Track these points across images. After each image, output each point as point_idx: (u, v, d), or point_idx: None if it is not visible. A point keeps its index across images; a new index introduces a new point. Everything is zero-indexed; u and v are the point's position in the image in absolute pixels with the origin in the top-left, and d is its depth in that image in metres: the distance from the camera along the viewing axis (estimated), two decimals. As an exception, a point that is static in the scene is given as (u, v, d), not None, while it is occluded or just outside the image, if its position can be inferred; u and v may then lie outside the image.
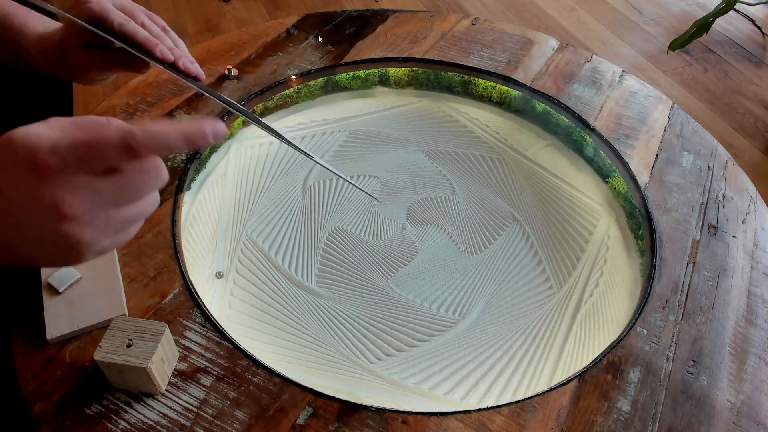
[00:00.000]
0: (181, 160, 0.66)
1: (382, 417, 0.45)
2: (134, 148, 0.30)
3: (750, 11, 2.08)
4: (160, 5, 2.03)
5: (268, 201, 0.69)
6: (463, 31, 0.88)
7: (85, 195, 0.30)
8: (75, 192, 0.30)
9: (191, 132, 0.32)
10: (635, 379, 0.49)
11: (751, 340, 0.53)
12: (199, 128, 0.32)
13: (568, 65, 0.82)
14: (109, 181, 0.31)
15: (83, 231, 0.31)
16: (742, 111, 1.72)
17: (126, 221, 0.33)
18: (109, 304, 0.51)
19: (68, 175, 0.30)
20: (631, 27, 2.05)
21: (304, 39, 0.85)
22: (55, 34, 0.52)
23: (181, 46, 0.49)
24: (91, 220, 0.31)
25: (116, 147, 0.30)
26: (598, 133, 0.72)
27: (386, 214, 0.69)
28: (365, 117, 0.81)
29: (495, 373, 0.54)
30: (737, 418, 0.47)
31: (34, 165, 0.29)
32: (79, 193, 0.30)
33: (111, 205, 0.32)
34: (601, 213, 0.69)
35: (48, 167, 0.29)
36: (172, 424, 0.44)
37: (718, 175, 0.68)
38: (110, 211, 0.32)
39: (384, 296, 0.60)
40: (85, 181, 0.30)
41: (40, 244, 0.32)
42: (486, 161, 0.76)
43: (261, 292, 0.60)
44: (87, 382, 0.46)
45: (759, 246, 0.61)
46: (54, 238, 0.31)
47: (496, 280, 0.63)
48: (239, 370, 0.48)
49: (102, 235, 0.32)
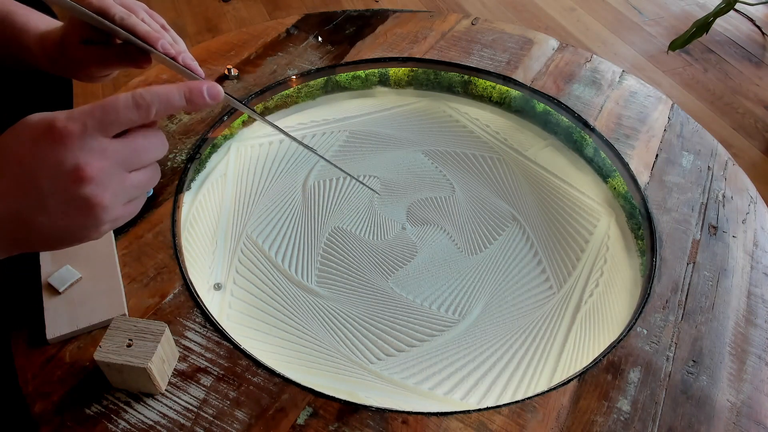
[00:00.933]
0: (181, 161, 0.66)
1: (382, 417, 0.45)
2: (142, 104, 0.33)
3: (750, 11, 2.08)
4: (160, 5, 2.03)
5: (268, 201, 0.69)
6: (463, 31, 0.88)
7: (103, 157, 0.33)
8: (94, 155, 0.33)
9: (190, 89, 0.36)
10: (635, 379, 0.49)
11: (751, 340, 0.53)
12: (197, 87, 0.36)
13: (568, 65, 0.82)
14: (121, 143, 0.34)
15: (103, 194, 0.34)
16: (742, 111, 1.72)
17: (136, 187, 0.36)
18: (109, 304, 0.51)
19: (87, 138, 0.32)
20: (631, 27, 2.05)
21: (304, 39, 0.85)
22: (56, 32, 0.52)
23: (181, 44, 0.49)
24: (108, 183, 0.34)
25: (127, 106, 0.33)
26: (598, 133, 0.72)
27: (386, 214, 0.69)
28: (365, 117, 0.81)
29: (495, 373, 0.54)
30: (737, 418, 0.47)
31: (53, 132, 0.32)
32: (98, 155, 0.33)
33: (124, 168, 0.35)
34: (601, 213, 0.69)
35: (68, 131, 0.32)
36: (172, 424, 0.44)
37: (718, 175, 0.68)
38: (123, 175, 0.35)
39: (384, 296, 0.60)
40: (101, 143, 0.33)
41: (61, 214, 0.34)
42: (486, 161, 0.76)
43: (261, 292, 0.60)
44: (87, 382, 0.46)
45: (759, 246, 0.61)
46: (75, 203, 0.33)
47: (496, 280, 0.63)
48: (239, 370, 0.48)
49: (117, 199, 0.35)
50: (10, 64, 0.58)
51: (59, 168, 0.32)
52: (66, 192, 0.33)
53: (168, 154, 0.66)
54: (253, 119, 0.76)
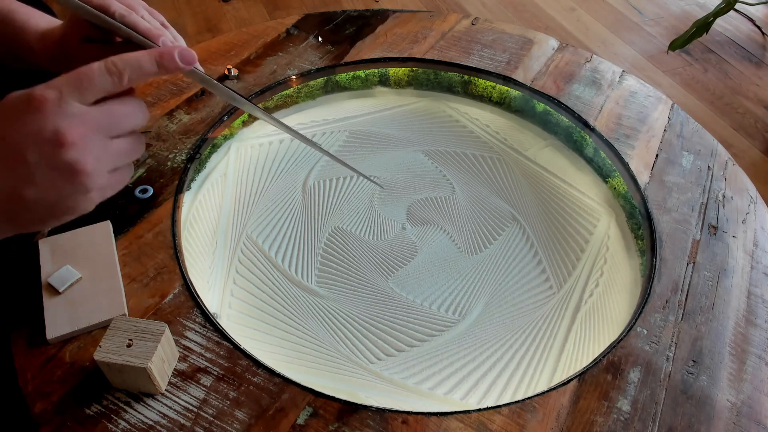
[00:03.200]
0: (181, 161, 0.66)
1: (382, 417, 0.45)
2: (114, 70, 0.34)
3: (750, 11, 2.08)
4: (159, 5, 2.03)
5: (268, 201, 0.69)
6: (463, 31, 0.88)
7: (82, 122, 0.34)
8: (73, 120, 0.34)
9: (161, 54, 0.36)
10: (635, 379, 0.49)
11: (751, 340, 0.53)
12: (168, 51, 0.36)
13: (568, 65, 0.82)
14: (98, 110, 0.35)
15: (85, 158, 0.34)
16: (742, 111, 1.72)
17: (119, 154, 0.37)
18: (109, 304, 0.51)
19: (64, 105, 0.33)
20: (631, 27, 2.05)
21: (304, 39, 0.85)
22: (56, 30, 0.52)
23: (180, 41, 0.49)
24: (90, 147, 0.34)
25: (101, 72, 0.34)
26: (598, 133, 0.72)
27: (386, 214, 0.69)
28: (365, 117, 0.81)
29: (495, 373, 0.54)
30: (737, 418, 0.47)
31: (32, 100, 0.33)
32: (77, 120, 0.34)
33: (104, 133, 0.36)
34: (601, 213, 0.69)
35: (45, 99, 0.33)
36: (172, 424, 0.44)
37: (718, 175, 0.68)
38: (105, 141, 0.36)
39: (384, 296, 0.60)
40: (80, 109, 0.34)
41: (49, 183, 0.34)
42: (486, 161, 0.76)
43: (261, 292, 0.60)
44: (87, 382, 0.46)
45: (759, 246, 0.61)
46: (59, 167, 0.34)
47: (496, 280, 0.63)
48: (239, 370, 0.48)
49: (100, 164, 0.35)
50: (10, 63, 0.58)
51: (40, 135, 0.33)
52: (50, 159, 0.34)
53: (168, 154, 0.66)
54: (252, 119, 0.76)
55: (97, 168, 0.35)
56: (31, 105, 0.33)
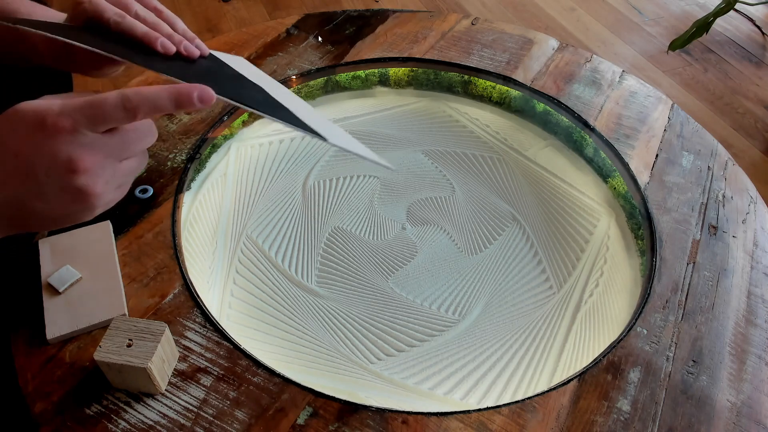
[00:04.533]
0: (181, 161, 0.66)
1: (382, 417, 0.45)
2: (129, 108, 0.34)
3: (750, 11, 2.08)
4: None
5: (268, 201, 0.69)
6: (463, 31, 0.88)
7: (95, 151, 0.35)
8: (86, 148, 0.34)
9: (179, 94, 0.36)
10: (635, 379, 0.49)
11: (751, 340, 0.53)
12: (186, 91, 0.36)
13: (568, 65, 0.82)
14: (111, 138, 0.35)
15: (96, 183, 0.35)
16: (742, 111, 1.72)
17: (126, 174, 0.38)
18: (109, 304, 0.51)
19: (77, 134, 0.34)
20: (631, 27, 2.05)
21: (304, 39, 0.85)
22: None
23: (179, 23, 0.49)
24: (101, 173, 0.35)
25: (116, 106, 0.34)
26: (598, 133, 0.72)
27: (386, 214, 0.69)
28: (365, 117, 0.81)
29: (495, 373, 0.54)
30: (737, 418, 0.47)
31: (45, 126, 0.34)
32: (89, 149, 0.34)
33: (115, 158, 0.36)
34: (601, 213, 0.69)
35: (59, 127, 0.33)
36: (172, 424, 0.44)
37: (718, 175, 0.68)
38: (115, 165, 0.36)
39: (384, 296, 0.60)
40: (93, 138, 0.35)
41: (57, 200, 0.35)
42: (486, 161, 0.76)
43: (261, 292, 0.60)
44: (87, 382, 0.46)
45: (759, 246, 0.61)
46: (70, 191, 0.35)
47: (496, 280, 0.63)
48: (239, 370, 0.48)
49: (109, 186, 0.37)
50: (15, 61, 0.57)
51: (54, 159, 0.34)
52: (61, 181, 0.34)
53: (168, 154, 0.66)
54: (253, 119, 0.76)
55: (106, 190, 0.36)
56: (46, 130, 0.34)
